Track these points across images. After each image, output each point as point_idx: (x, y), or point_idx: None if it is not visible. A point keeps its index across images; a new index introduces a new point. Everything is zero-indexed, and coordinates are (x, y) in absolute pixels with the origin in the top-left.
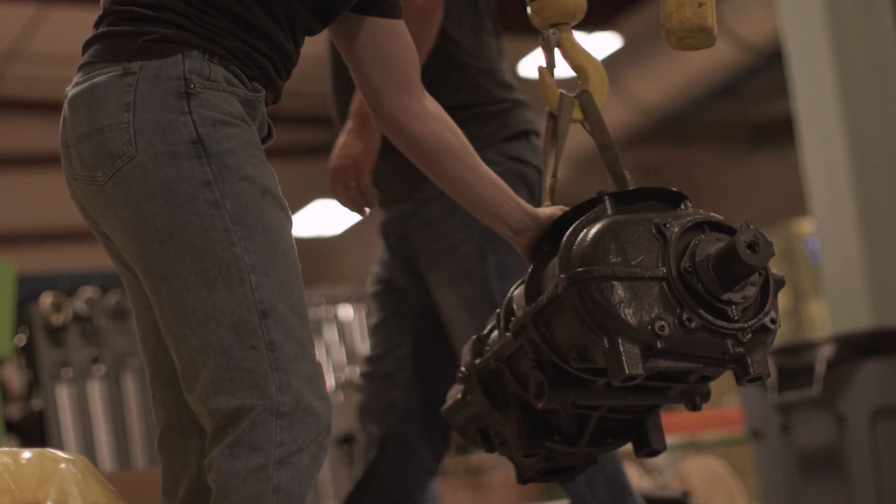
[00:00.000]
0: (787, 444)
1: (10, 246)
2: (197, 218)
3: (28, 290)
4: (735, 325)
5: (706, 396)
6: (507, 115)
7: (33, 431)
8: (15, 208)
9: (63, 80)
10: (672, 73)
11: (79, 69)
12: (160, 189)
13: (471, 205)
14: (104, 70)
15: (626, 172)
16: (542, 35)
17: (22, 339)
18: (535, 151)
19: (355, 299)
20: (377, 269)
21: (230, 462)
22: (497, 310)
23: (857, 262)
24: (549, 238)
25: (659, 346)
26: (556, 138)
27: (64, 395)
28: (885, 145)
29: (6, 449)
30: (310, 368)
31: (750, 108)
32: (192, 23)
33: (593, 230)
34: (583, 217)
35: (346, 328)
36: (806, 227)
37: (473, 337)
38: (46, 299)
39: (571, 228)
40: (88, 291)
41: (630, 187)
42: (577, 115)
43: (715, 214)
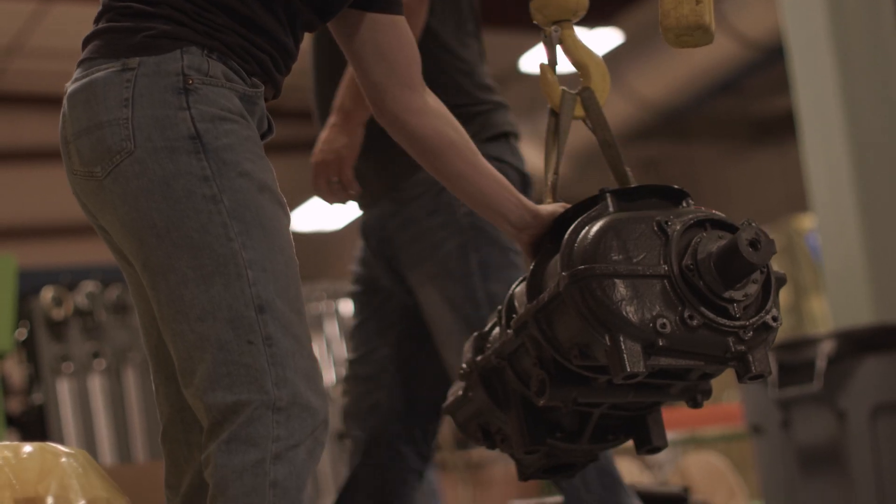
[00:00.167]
0: (788, 439)
1: (11, 240)
2: (195, 213)
3: (29, 284)
4: (736, 323)
5: (707, 394)
6: (488, 117)
7: (34, 426)
8: (16, 202)
9: (64, 74)
10: (673, 68)
11: (78, 65)
12: (158, 184)
13: (472, 201)
14: (103, 66)
15: (627, 170)
16: (543, 32)
17: (23, 334)
18: (515, 153)
19: None
20: (357, 268)
21: (227, 457)
22: (481, 308)
23: (857, 258)
24: (551, 235)
25: (660, 344)
26: (558, 135)
27: (65, 390)
28: (886, 141)
29: (7, 443)
30: (307, 364)
31: (751, 103)
32: (191, 19)
33: (595, 228)
34: (584, 214)
35: (348, 323)
36: (807, 223)
37: (475, 334)
38: (47, 294)
39: (573, 226)
40: (89, 286)
41: (632, 185)
42: (578, 111)
43: (717, 212)
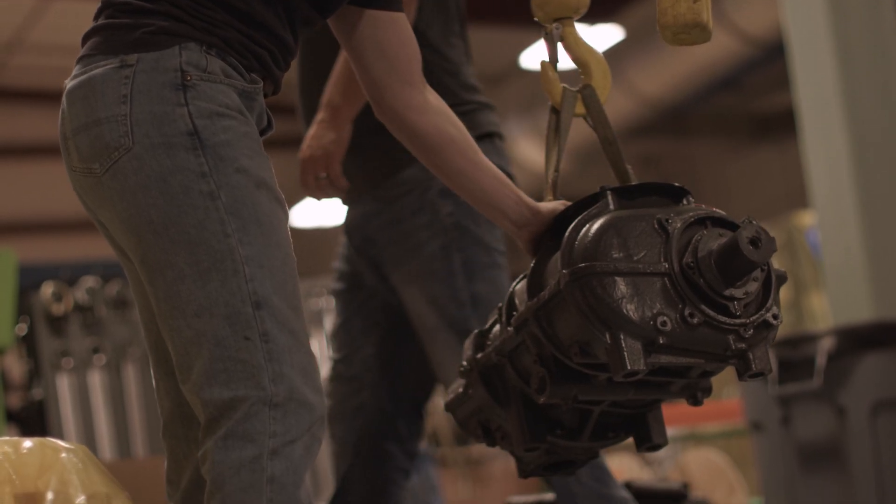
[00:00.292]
0: (788, 436)
1: (11, 235)
2: (192, 209)
3: (29, 279)
4: (737, 321)
5: (707, 391)
6: (473, 117)
7: (34, 421)
8: (16, 198)
9: (65, 69)
10: (674, 65)
11: (77, 61)
12: (156, 180)
13: (472, 198)
14: (102, 62)
15: (628, 167)
16: (545, 29)
17: (23, 329)
18: (500, 153)
19: None
20: (340, 265)
21: (224, 453)
22: (465, 308)
23: (857, 255)
24: (552, 233)
25: (661, 342)
26: (559, 133)
27: (64, 385)
28: (887, 138)
29: (7, 438)
30: (304, 360)
31: (751, 100)
32: (190, 15)
33: (596, 225)
34: (585, 212)
35: None
36: (807, 219)
37: (475, 331)
38: (47, 289)
39: (574, 224)
40: (89, 281)
41: (633, 182)
42: (579, 109)
43: (717, 210)
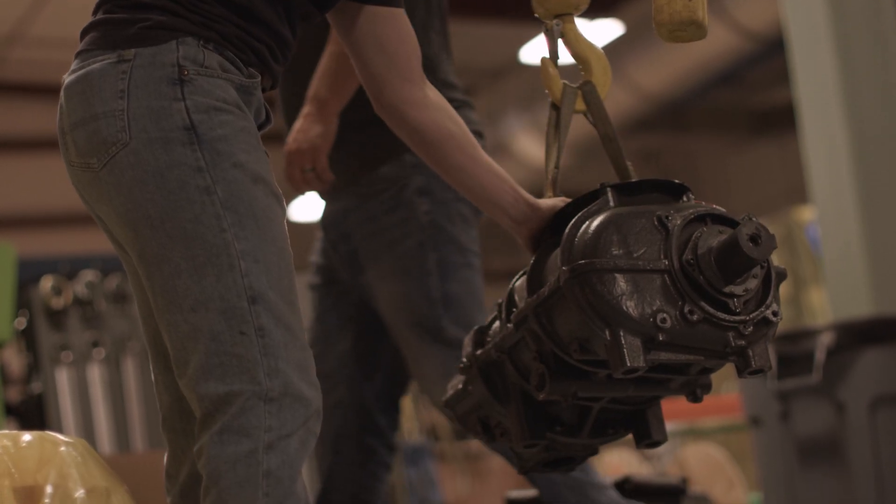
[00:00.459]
0: (787, 431)
1: (11, 229)
2: (188, 204)
3: (28, 273)
4: (737, 318)
5: (707, 388)
6: None
7: (33, 414)
8: (15, 192)
9: (65, 63)
10: (673, 60)
11: (75, 56)
12: (153, 175)
13: (472, 194)
14: (99, 57)
15: (628, 164)
16: (545, 25)
17: (22, 323)
18: None
19: None
20: (316, 259)
21: (220, 448)
22: (436, 307)
23: (857, 250)
24: (552, 229)
25: (660, 339)
26: (559, 129)
27: (64, 379)
28: (886, 133)
29: (6, 432)
30: (299, 354)
31: (751, 95)
32: (187, 9)
33: (595, 222)
34: (585, 209)
35: None
36: (806, 214)
37: (475, 327)
38: (46, 283)
39: (574, 220)
40: (89, 275)
41: (633, 179)
42: (579, 105)
43: (717, 207)
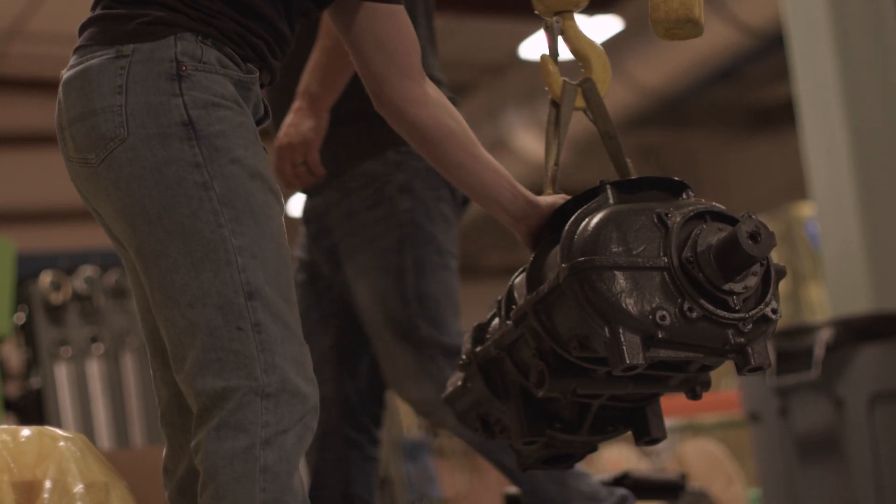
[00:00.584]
0: (786, 427)
1: (10, 224)
2: (186, 199)
3: (27, 268)
4: (736, 315)
5: (706, 385)
6: None
7: (32, 409)
8: (15, 187)
9: (64, 59)
10: (673, 56)
11: (74, 52)
12: (150, 171)
13: (472, 191)
14: (98, 53)
15: (628, 161)
16: (545, 22)
17: (21, 318)
18: None
19: None
20: (300, 254)
21: (217, 443)
22: (410, 305)
23: (856, 246)
24: (551, 227)
25: (660, 336)
26: (559, 126)
27: (63, 374)
28: (886, 129)
29: (5, 427)
30: (296, 350)
31: (750, 91)
32: (186, 5)
33: (595, 219)
34: (584, 206)
35: None
36: (806, 210)
37: (475, 324)
38: (46, 278)
39: (573, 217)
40: (88, 270)
41: (632, 176)
42: (579, 102)
43: (717, 204)
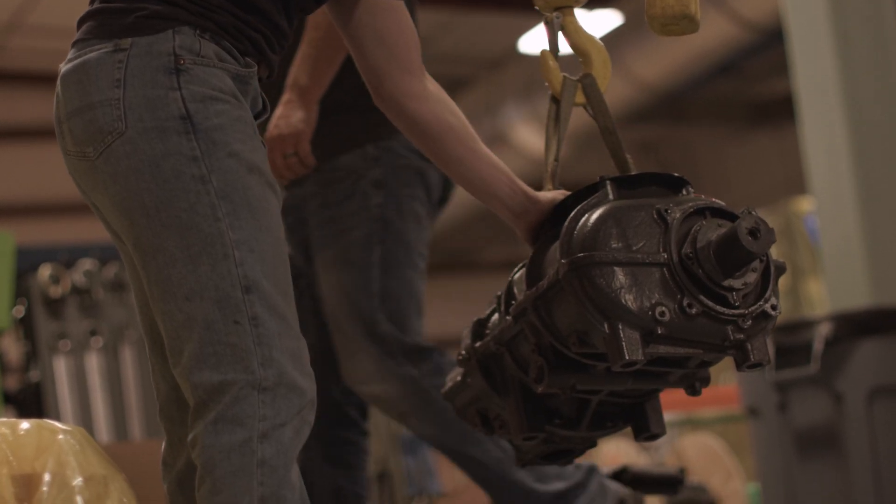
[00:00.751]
0: (785, 422)
1: (9, 218)
2: (183, 193)
3: (26, 261)
4: (735, 312)
5: (706, 381)
6: None
7: (31, 403)
8: (14, 180)
9: (63, 52)
10: (672, 50)
11: (72, 45)
12: (148, 164)
13: (471, 187)
14: (96, 47)
15: (628, 157)
16: (545, 18)
17: (20, 311)
18: None
19: None
20: None
21: (214, 437)
22: (373, 300)
23: (856, 241)
24: (550, 222)
25: (659, 332)
26: (559, 122)
27: (62, 367)
28: (886, 124)
29: (4, 420)
30: (293, 344)
31: (750, 86)
32: None
33: (595, 215)
34: (584, 202)
35: None
36: (805, 205)
37: (474, 319)
38: (45, 271)
39: (573, 213)
40: (87, 264)
41: (632, 172)
42: (579, 98)
43: (717, 200)
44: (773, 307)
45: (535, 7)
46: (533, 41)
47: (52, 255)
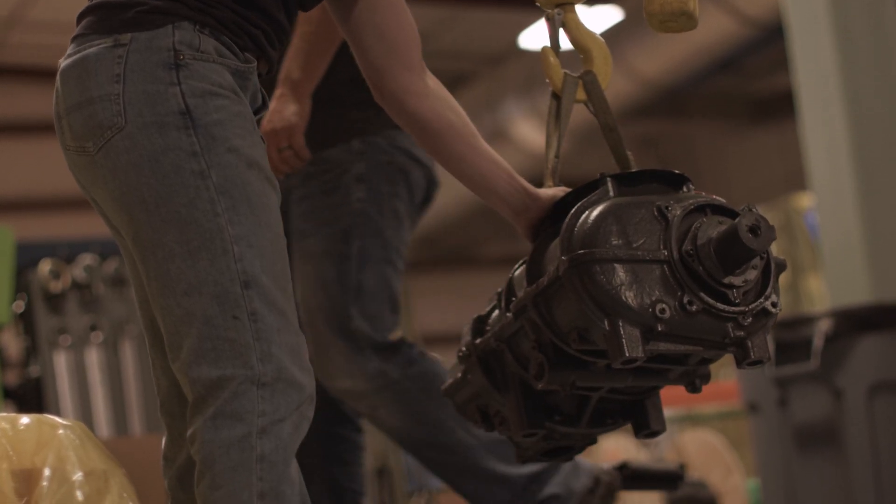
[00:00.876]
0: (784, 418)
1: (9, 213)
2: (183, 188)
3: (26, 256)
4: (736, 309)
5: (706, 378)
6: None
7: (31, 398)
8: (14, 175)
9: (63, 47)
10: (673, 46)
11: (72, 41)
12: (147, 159)
13: (472, 184)
14: (95, 42)
15: (629, 154)
16: (546, 14)
17: (20, 306)
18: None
19: None
20: None
21: (213, 433)
22: (348, 294)
23: (856, 237)
24: (551, 219)
25: (659, 329)
26: (560, 119)
27: (62, 362)
28: (886, 120)
29: (4, 415)
30: (292, 339)
31: (750, 82)
32: None
33: (595, 212)
34: (585, 199)
35: None
36: (805, 201)
37: (475, 316)
38: (45, 266)
39: (573, 210)
40: (87, 259)
41: (633, 169)
42: (580, 95)
43: (717, 197)
44: (774, 304)
45: (536, 3)
46: (533, 37)
47: (52, 250)
